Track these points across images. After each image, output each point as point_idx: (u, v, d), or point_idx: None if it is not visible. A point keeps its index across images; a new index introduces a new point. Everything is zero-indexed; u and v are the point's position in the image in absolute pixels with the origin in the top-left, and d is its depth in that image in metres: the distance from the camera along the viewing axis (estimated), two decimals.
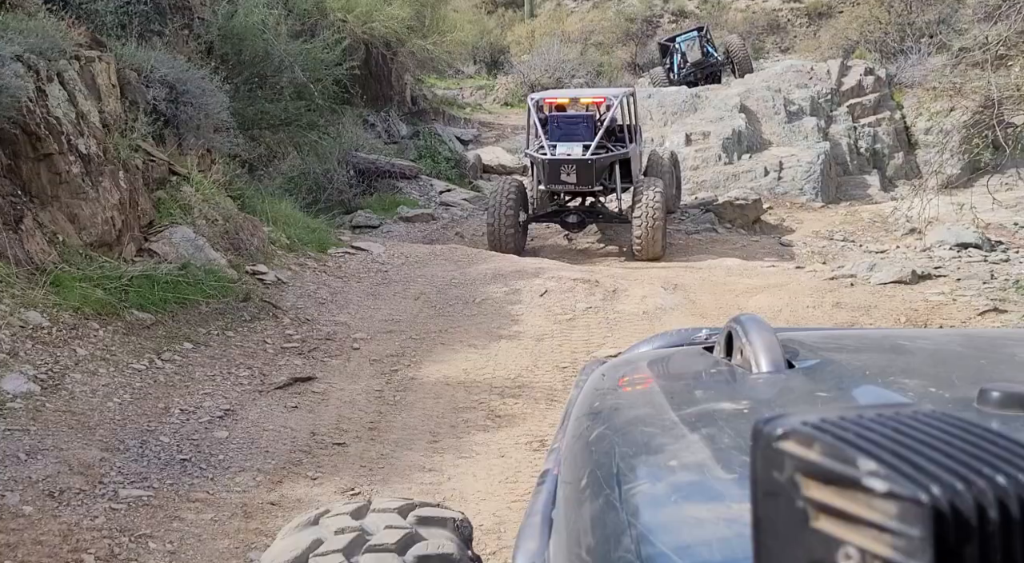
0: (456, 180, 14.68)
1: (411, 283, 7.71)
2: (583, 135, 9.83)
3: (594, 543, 0.92)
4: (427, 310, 7.08)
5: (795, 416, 0.50)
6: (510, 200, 9.81)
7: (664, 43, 19.70)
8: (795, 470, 0.47)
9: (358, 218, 12.36)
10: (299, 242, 8.19)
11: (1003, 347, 1.56)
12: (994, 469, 0.42)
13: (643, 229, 9.51)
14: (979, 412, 0.86)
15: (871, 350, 1.56)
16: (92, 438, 4.21)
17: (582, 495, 1.03)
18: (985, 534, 0.40)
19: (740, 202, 11.85)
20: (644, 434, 1.13)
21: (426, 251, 8.68)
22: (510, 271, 7.88)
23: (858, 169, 15.23)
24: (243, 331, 6.20)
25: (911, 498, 0.41)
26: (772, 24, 34.10)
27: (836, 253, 10.60)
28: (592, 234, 11.60)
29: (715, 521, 0.84)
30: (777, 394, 1.23)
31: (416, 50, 17.40)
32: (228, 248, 7.23)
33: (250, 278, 7.04)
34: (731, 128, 14.89)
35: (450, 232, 11.87)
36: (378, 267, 8.10)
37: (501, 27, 28.96)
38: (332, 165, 12.93)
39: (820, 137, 15.03)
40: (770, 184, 14.15)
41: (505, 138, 18.47)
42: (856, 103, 15.75)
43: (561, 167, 9.68)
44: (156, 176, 7.24)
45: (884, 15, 24.30)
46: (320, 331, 6.43)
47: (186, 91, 7.72)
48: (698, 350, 1.63)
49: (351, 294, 7.28)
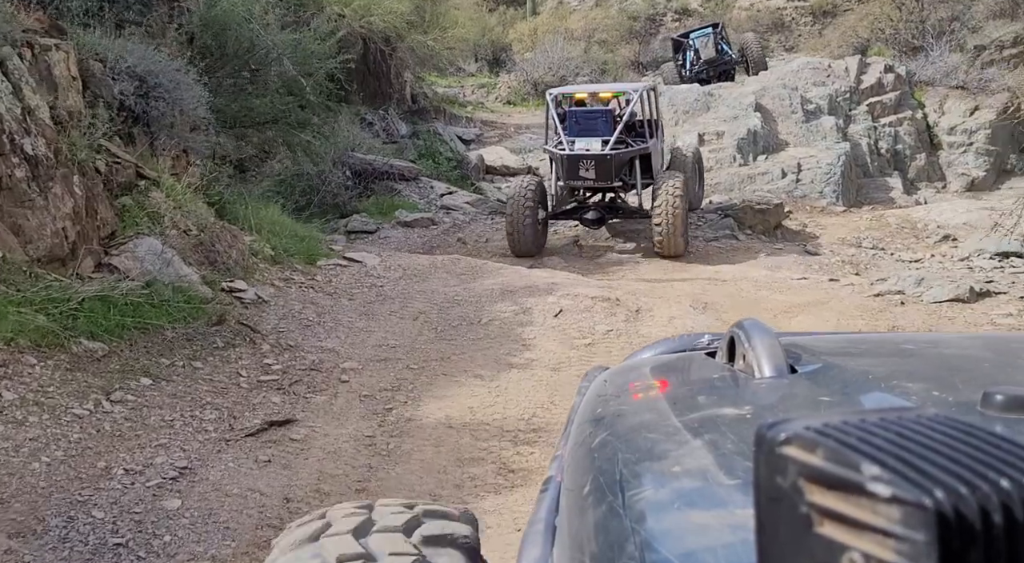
0: (458, 182, 13.74)
1: (409, 300, 6.77)
2: (602, 130, 9.40)
3: (598, 550, 0.89)
4: (427, 333, 6.14)
5: (798, 421, 0.49)
6: (529, 197, 9.42)
7: (677, 39, 18.79)
8: (798, 475, 0.46)
9: (354, 222, 11.42)
10: (285, 253, 7.25)
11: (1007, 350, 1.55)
12: (998, 473, 0.41)
13: (664, 224, 9.02)
14: (983, 416, 0.83)
15: (874, 354, 1.54)
16: (2, 517, 3.28)
17: (585, 502, 1.01)
18: (989, 538, 0.39)
19: (761, 206, 10.91)
20: (647, 440, 1.10)
21: (426, 263, 7.73)
22: (520, 287, 6.94)
23: (878, 171, 14.28)
24: (214, 361, 5.26)
25: (915, 502, 0.40)
26: (776, 23, 33.21)
27: (868, 262, 9.67)
28: (602, 239, 10.67)
29: (719, 527, 0.82)
30: (780, 399, 1.21)
31: (416, 46, 16.44)
32: (202, 262, 6.29)
33: (226, 296, 6.10)
34: (746, 128, 13.95)
35: (451, 238, 10.93)
36: (372, 281, 7.16)
37: (503, 25, 28.02)
38: (327, 166, 11.99)
39: (839, 137, 14.09)
40: (788, 187, 13.22)
41: (508, 138, 17.52)
42: (876, 102, 14.80)
43: (580, 163, 9.30)
44: (121, 180, 6.30)
45: (895, 13, 23.38)
46: (304, 360, 5.49)
47: (158, 85, 6.78)
48: (700, 355, 1.59)
49: (341, 314, 6.33)
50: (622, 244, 10.39)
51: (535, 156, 15.72)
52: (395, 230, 11.27)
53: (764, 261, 9.41)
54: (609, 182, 9.53)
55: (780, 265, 9.23)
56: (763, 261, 9.42)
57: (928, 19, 23.53)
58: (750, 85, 15.21)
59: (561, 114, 9.79)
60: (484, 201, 12.49)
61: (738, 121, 14.17)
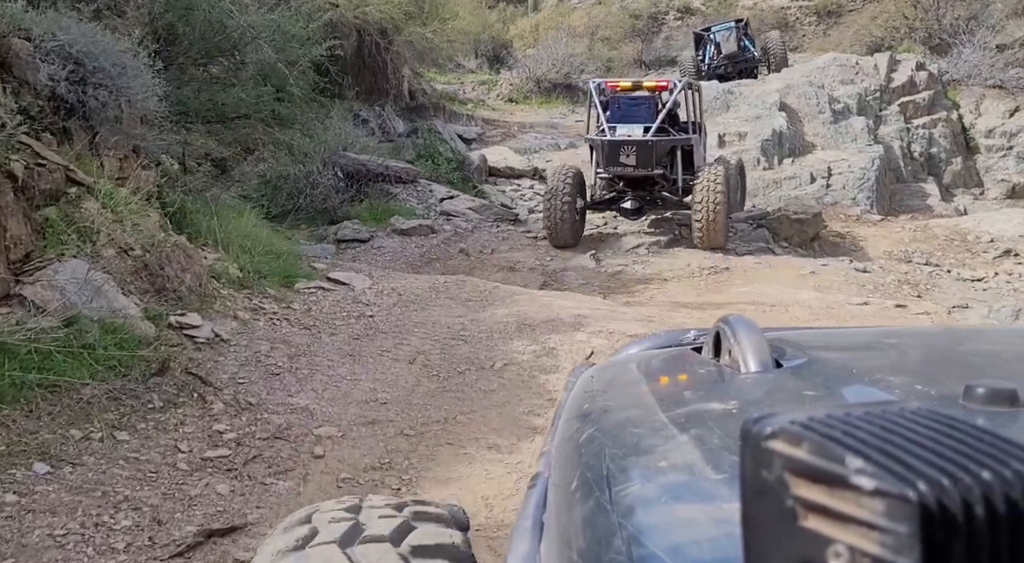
0: (459, 184, 12.34)
1: (405, 336, 5.39)
2: (644, 117, 9.17)
3: (585, 545, 0.87)
4: (426, 382, 4.76)
5: (783, 415, 0.49)
6: (567, 187, 9.09)
7: (699, 33, 17.70)
8: (784, 469, 0.45)
9: (344, 230, 10.03)
10: (256, 275, 5.86)
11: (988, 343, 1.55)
12: (980, 465, 0.41)
13: (705, 214, 8.63)
14: (965, 409, 0.82)
15: (858, 348, 1.52)
16: None
17: (573, 497, 0.99)
18: (972, 530, 0.39)
19: (798, 216, 9.55)
20: (634, 435, 1.07)
21: (425, 286, 6.33)
22: (540, 320, 5.56)
23: (912, 176, 12.95)
24: (146, 429, 3.88)
25: (898, 495, 0.40)
26: (780, 22, 31.87)
27: (926, 282, 8.32)
28: (622, 251, 9.31)
29: (705, 521, 0.81)
30: (765, 394, 1.19)
31: (414, 38, 15.03)
32: (146, 290, 4.91)
33: (174, 335, 4.71)
34: (771, 128, 12.61)
35: (452, 248, 9.55)
36: (360, 310, 5.78)
37: (503, 22, 26.61)
38: (315, 166, 10.59)
39: (870, 139, 12.75)
40: (817, 192, 11.88)
41: (511, 137, 16.12)
42: (908, 102, 13.47)
43: (621, 148, 9.07)
44: (45, 187, 4.89)
45: (911, 11, 22.03)
46: (267, 424, 4.11)
47: (99, 69, 5.37)
48: (687, 351, 1.57)
49: (320, 356, 4.95)
50: (647, 258, 9.03)
51: (541, 157, 14.34)
52: (390, 239, 9.89)
53: (810, 280, 8.05)
54: (649, 169, 9.10)
55: (830, 285, 7.88)
56: (809, 279, 8.06)
57: (945, 17, 22.28)
58: (773, 82, 13.86)
59: (604, 102, 9.48)
60: (488, 206, 11.10)
61: (761, 121, 12.83)
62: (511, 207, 11.80)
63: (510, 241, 10.02)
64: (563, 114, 18.82)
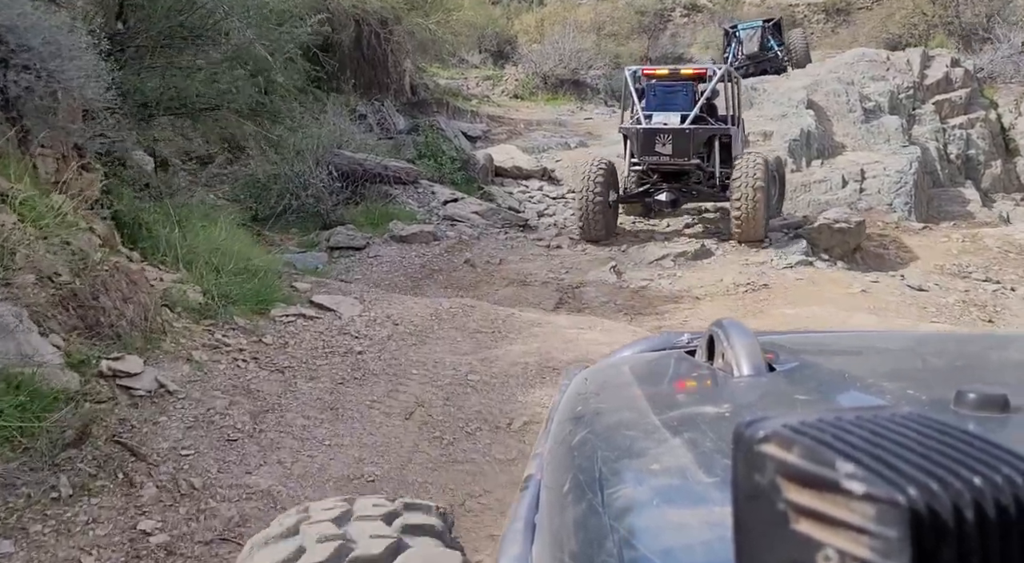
0: (463, 185, 11.22)
1: (401, 380, 4.28)
2: (682, 104, 8.69)
3: (577, 547, 0.86)
4: (427, 446, 3.66)
5: (776, 419, 0.48)
6: (599, 180, 8.63)
7: (727, 29, 16.94)
8: (775, 473, 0.45)
9: (337, 236, 8.93)
10: (222, 300, 4.75)
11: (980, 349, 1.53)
12: (971, 471, 0.40)
13: (744, 203, 8.06)
14: (956, 414, 0.81)
15: (850, 353, 1.51)
16: None
17: (565, 500, 0.97)
18: (962, 535, 0.38)
19: (840, 225, 8.44)
20: (626, 438, 1.04)
21: (426, 313, 5.21)
22: (566, 360, 4.44)
23: (949, 179, 11.84)
24: (41, 532, 2.77)
25: (889, 500, 0.39)
26: (788, 20, 30.78)
27: (992, 302, 7.22)
28: (644, 263, 8.22)
29: (697, 524, 0.78)
30: (758, 397, 1.15)
31: (416, 30, 13.90)
32: (73, 327, 3.80)
33: (105, 387, 3.60)
34: (798, 127, 11.49)
35: (457, 258, 8.45)
36: (348, 344, 4.67)
37: (507, 17, 25.45)
38: (307, 165, 9.48)
39: (905, 140, 11.64)
40: (850, 197, 10.77)
41: (518, 135, 14.98)
42: (943, 100, 12.35)
43: (656, 137, 8.56)
44: None
45: (929, 7, 20.91)
46: (212, 517, 3.01)
47: (24, 48, 4.27)
48: (680, 354, 1.53)
49: (293, 411, 3.84)
50: (673, 271, 7.93)
51: (550, 156, 13.22)
52: (388, 246, 8.79)
53: (862, 300, 6.95)
54: (686, 159, 8.56)
55: (886, 306, 6.77)
56: (860, 299, 6.95)
57: (964, 13, 21.19)
58: (799, 78, 12.73)
59: (640, 90, 9.02)
60: (495, 210, 9.98)
61: (788, 120, 11.70)
62: (519, 210, 10.70)
63: (520, 250, 8.93)
64: (571, 111, 17.69)
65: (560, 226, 9.87)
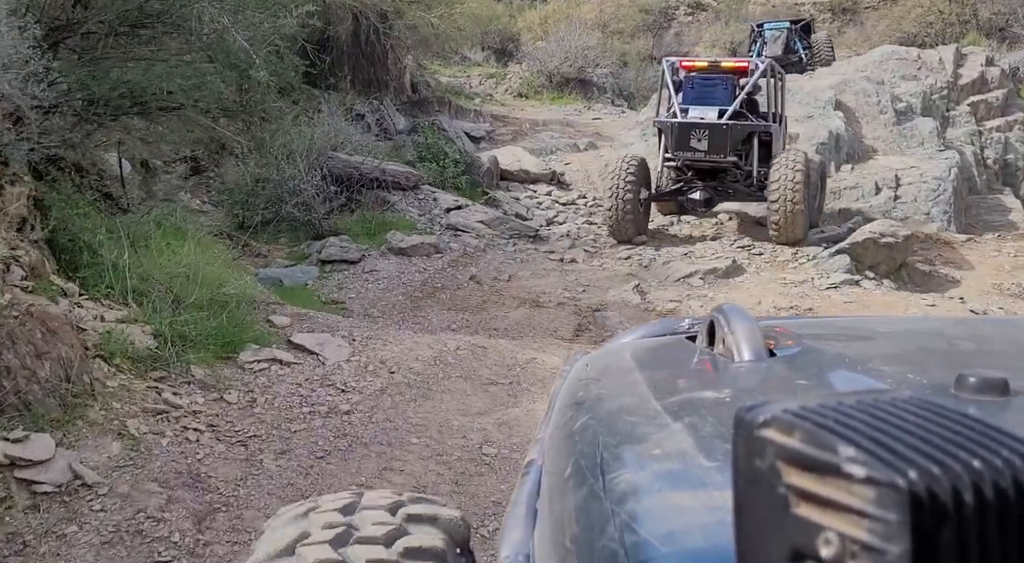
0: (467, 190, 10.24)
1: (396, 454, 3.30)
2: (721, 99, 8.03)
3: (578, 532, 0.85)
4: None
5: (776, 404, 0.47)
6: (630, 177, 8.09)
7: (755, 26, 16.14)
8: (776, 457, 0.44)
9: (330, 248, 7.95)
10: (178, 343, 3.77)
11: (981, 333, 1.49)
12: (970, 454, 0.40)
13: (782, 202, 7.47)
14: (956, 398, 0.79)
15: (851, 338, 1.46)
16: None
17: (566, 485, 0.94)
18: (961, 518, 0.38)
19: (887, 240, 7.45)
20: (627, 423, 1.02)
21: (427, 356, 4.22)
22: None
23: (986, 186, 10.87)
24: None
25: (889, 483, 0.39)
26: (794, 19, 29.90)
27: None
28: (670, 282, 7.26)
29: (698, 508, 0.77)
30: (759, 382, 1.13)
31: (418, 24, 12.90)
32: None
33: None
34: (826, 129, 10.51)
35: (461, 274, 7.49)
36: (332, 400, 3.69)
37: (510, 14, 24.44)
38: (297, 170, 8.50)
39: (940, 144, 10.66)
40: (883, 205, 9.79)
41: (524, 136, 13.98)
42: (979, 101, 11.36)
43: (692, 132, 7.92)
44: None
45: (946, 6, 19.94)
46: None
47: None
48: (681, 339, 1.49)
49: (252, 506, 2.87)
50: (703, 290, 6.97)
51: (558, 159, 12.24)
52: (385, 259, 7.83)
53: None
54: (722, 156, 7.94)
55: None
56: None
57: (981, 12, 20.25)
58: (825, 77, 11.74)
59: (677, 82, 8.35)
60: (503, 219, 9.00)
61: (815, 121, 10.72)
62: (527, 217, 9.73)
63: (530, 264, 7.96)
64: (578, 111, 16.70)
65: (573, 236, 8.90)
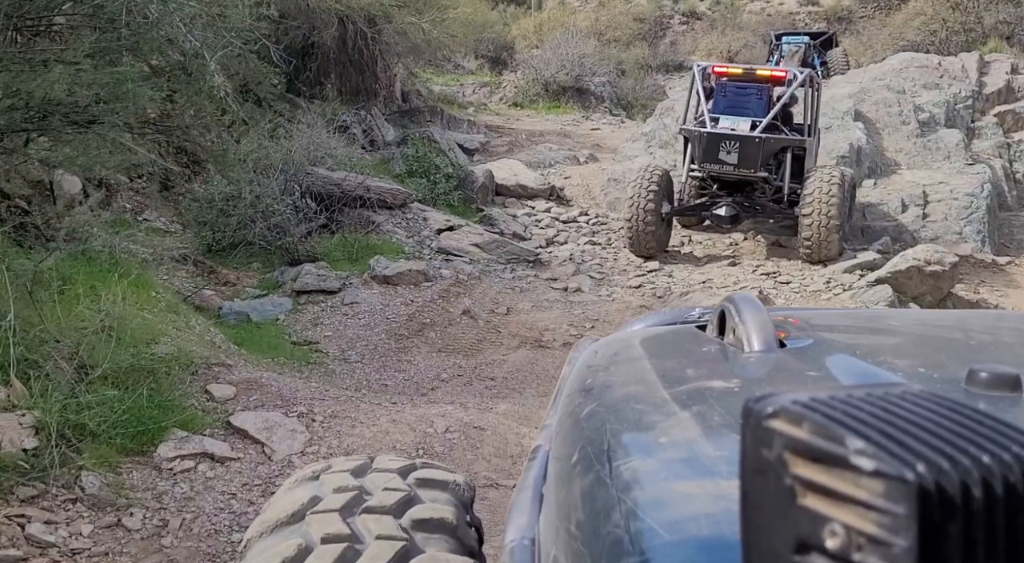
0: (460, 208, 9.22)
1: None
2: (754, 109, 7.48)
3: (584, 518, 0.84)
4: None
5: (785, 395, 0.46)
6: (653, 187, 7.56)
7: (774, 36, 15.32)
8: (784, 448, 0.43)
9: (306, 277, 6.89)
10: (72, 436, 2.73)
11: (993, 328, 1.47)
12: (980, 449, 0.39)
13: (816, 218, 7.00)
14: (967, 392, 0.79)
15: (864, 331, 1.45)
16: None
17: (573, 471, 0.94)
18: (969, 512, 0.37)
19: (933, 268, 6.46)
20: (635, 411, 1.01)
21: (408, 443, 3.13)
22: None
23: (1017, 202, 9.91)
24: None
25: (897, 476, 0.38)
26: (789, 28, 28.96)
27: None
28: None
29: (704, 497, 0.76)
30: (768, 373, 1.12)
31: (408, 29, 11.88)
32: None
33: None
34: (847, 142, 9.53)
35: (453, 307, 6.46)
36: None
37: (504, 22, 23.46)
38: (270, 188, 7.46)
39: (967, 157, 9.69)
40: (911, 224, 8.82)
41: (520, 147, 12.95)
42: (1006, 111, 10.41)
43: (722, 143, 7.35)
44: None
45: (950, 14, 19.04)
46: None
47: None
48: (691, 329, 1.47)
49: None
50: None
51: (558, 172, 11.21)
52: (368, 289, 6.79)
53: None
54: (752, 170, 7.39)
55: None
56: None
57: (985, 19, 19.38)
58: (842, 86, 10.75)
59: (708, 89, 7.77)
60: (499, 242, 7.96)
61: (833, 133, 9.73)
62: (525, 237, 8.71)
63: (531, 293, 6.94)
64: (575, 121, 15.69)
65: (577, 260, 7.88)
